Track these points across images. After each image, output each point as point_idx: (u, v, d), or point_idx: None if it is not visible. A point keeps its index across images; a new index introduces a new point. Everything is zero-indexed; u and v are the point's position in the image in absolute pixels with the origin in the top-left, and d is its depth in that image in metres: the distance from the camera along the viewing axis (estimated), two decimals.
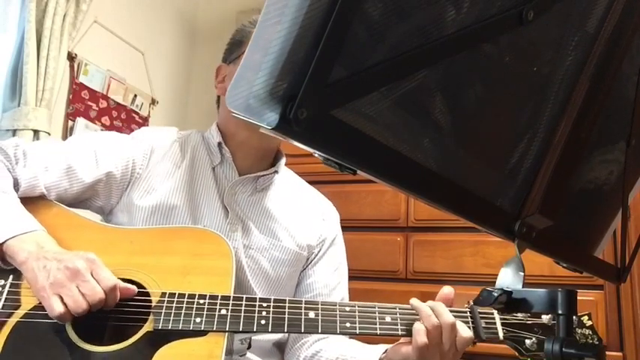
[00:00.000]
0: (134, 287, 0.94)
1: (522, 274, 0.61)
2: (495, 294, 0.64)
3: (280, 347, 1.20)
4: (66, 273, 0.88)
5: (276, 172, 1.22)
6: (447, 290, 1.03)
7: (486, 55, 0.49)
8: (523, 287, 0.61)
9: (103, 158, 1.11)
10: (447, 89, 0.47)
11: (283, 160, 1.25)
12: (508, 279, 0.62)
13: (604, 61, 0.58)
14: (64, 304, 0.87)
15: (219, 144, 1.18)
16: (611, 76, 0.60)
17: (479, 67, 0.49)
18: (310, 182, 1.35)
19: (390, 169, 0.44)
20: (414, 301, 0.99)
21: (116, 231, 1.06)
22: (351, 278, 1.28)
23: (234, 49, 1.24)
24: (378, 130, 0.42)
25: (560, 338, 0.58)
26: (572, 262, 0.67)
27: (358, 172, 0.42)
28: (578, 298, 0.61)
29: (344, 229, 1.31)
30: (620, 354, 1.87)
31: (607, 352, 1.79)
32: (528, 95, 0.55)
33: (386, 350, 1.05)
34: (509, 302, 0.64)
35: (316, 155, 0.40)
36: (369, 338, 1.04)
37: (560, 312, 0.60)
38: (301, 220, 1.22)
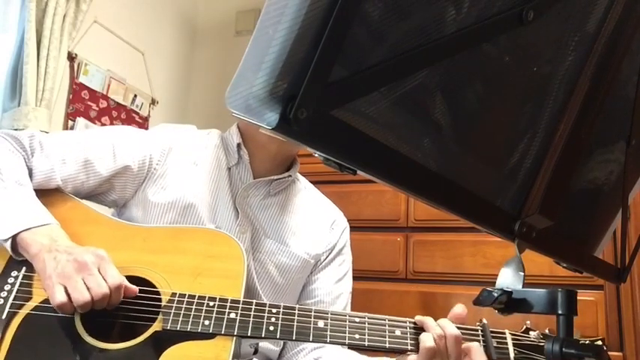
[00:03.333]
0: (135, 288, 0.93)
1: (522, 274, 0.61)
2: (495, 294, 0.64)
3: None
4: (74, 265, 0.89)
5: (290, 176, 1.21)
6: (458, 310, 1.01)
7: (486, 55, 0.49)
8: (523, 287, 0.61)
9: (120, 152, 1.10)
10: (447, 89, 0.47)
11: (297, 166, 1.24)
12: (508, 279, 0.62)
13: (604, 61, 0.58)
14: (68, 294, 0.87)
15: (239, 145, 1.17)
16: (611, 76, 0.60)
17: (479, 67, 0.49)
18: (310, 182, 1.35)
19: (390, 169, 0.44)
20: (419, 317, 0.98)
21: (130, 228, 1.06)
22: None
23: None
24: (378, 130, 0.42)
25: (560, 338, 0.58)
26: (572, 262, 0.67)
27: (358, 172, 0.42)
28: (578, 298, 0.61)
29: None
30: (620, 354, 1.87)
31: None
32: (528, 95, 0.55)
33: None
34: (509, 302, 0.64)
35: (316, 155, 0.40)
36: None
37: (560, 312, 0.60)
38: (311, 227, 1.21)
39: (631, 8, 0.59)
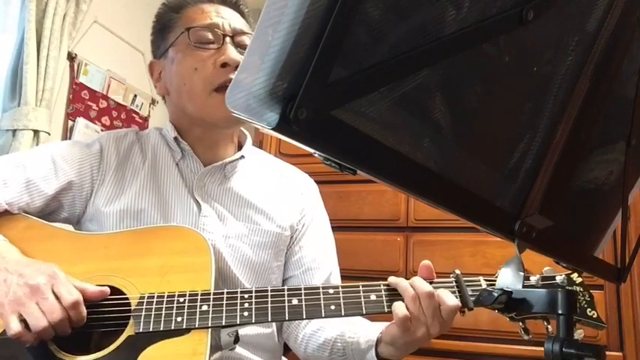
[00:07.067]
0: (106, 288, 0.91)
1: (522, 274, 0.61)
2: (495, 294, 0.64)
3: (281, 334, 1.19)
4: (25, 290, 0.85)
5: (242, 157, 1.20)
6: (424, 264, 1.00)
7: (486, 55, 0.49)
8: (523, 287, 0.61)
9: (61, 167, 1.08)
10: (447, 89, 0.47)
11: (249, 141, 1.23)
12: (508, 279, 0.62)
13: (604, 61, 0.58)
14: (24, 321, 0.84)
15: (175, 138, 1.15)
16: (611, 76, 0.60)
17: (479, 67, 0.49)
18: None
19: (390, 169, 0.44)
20: (392, 278, 0.98)
21: (90, 238, 1.04)
22: (351, 278, 1.28)
23: (160, 42, 1.18)
24: (378, 130, 0.42)
25: (560, 338, 0.58)
26: (572, 262, 0.67)
27: (358, 172, 0.42)
28: None
29: (344, 229, 1.31)
30: (620, 354, 1.87)
31: (607, 352, 1.79)
32: (528, 95, 0.55)
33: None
34: (509, 302, 0.64)
35: (316, 155, 0.40)
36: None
37: (560, 312, 0.60)
38: (279, 200, 1.20)
39: (631, 9, 0.59)
